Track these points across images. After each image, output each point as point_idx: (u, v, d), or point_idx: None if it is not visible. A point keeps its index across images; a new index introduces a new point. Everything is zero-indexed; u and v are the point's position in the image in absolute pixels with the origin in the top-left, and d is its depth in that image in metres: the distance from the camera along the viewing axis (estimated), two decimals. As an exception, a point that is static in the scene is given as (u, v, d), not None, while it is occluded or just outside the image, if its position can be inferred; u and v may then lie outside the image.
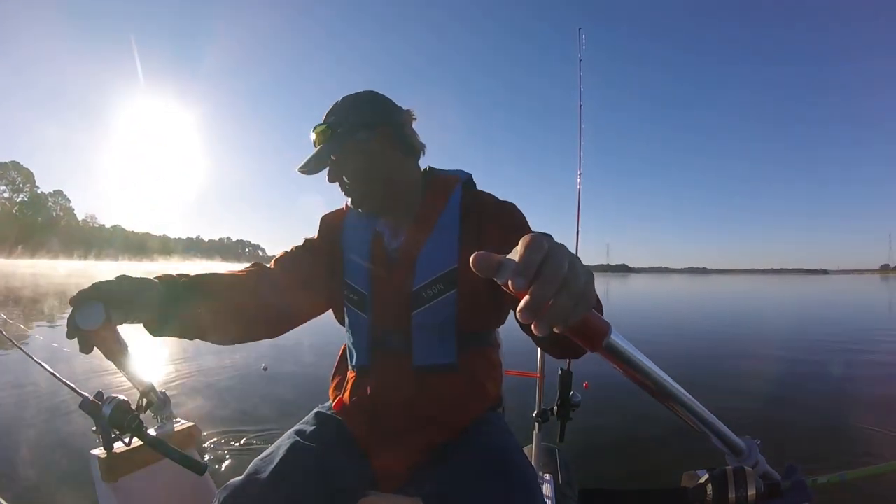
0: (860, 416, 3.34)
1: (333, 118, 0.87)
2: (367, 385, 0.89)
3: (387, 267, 0.88)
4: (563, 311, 0.38)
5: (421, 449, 0.86)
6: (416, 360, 0.86)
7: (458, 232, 0.86)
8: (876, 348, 6.50)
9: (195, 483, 1.03)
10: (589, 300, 0.41)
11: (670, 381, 0.57)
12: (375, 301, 0.89)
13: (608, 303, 0.92)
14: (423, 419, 0.86)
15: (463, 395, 0.88)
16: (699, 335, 7.95)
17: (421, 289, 0.84)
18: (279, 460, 0.78)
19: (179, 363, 4.78)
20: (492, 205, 0.89)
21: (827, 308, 14.99)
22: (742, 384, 4.27)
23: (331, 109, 0.88)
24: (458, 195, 0.90)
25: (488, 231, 0.85)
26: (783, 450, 2.68)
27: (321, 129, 0.86)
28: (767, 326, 9.87)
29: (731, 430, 0.68)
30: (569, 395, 1.66)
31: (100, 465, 0.90)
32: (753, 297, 21.44)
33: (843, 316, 11.99)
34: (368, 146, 0.86)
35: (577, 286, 0.39)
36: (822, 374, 4.79)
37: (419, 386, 0.86)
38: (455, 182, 0.92)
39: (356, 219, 0.96)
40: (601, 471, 2.48)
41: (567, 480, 1.44)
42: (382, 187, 0.88)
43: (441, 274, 0.84)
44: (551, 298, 0.37)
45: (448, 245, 0.85)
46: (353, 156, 0.86)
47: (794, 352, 6.10)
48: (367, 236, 0.92)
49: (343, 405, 0.92)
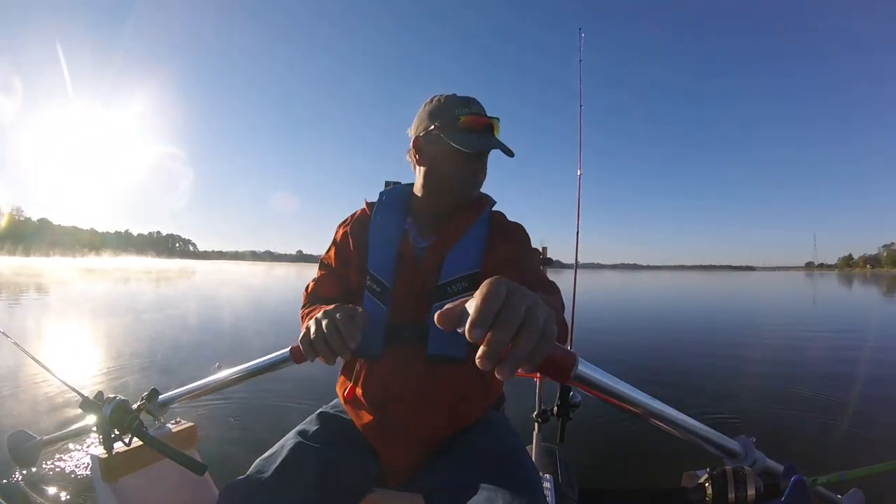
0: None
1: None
2: (379, 372, 0.91)
3: (413, 262, 0.94)
4: (524, 353, 0.41)
5: (426, 441, 0.89)
6: (430, 349, 0.89)
7: (483, 245, 0.95)
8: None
9: (195, 483, 1.03)
10: (549, 339, 0.43)
11: (647, 399, 0.59)
12: (396, 293, 0.93)
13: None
14: (432, 409, 0.88)
15: (470, 386, 0.91)
16: (644, 328, 8.30)
17: (447, 283, 0.91)
18: (282, 460, 0.79)
19: (180, 363, 4.78)
20: (512, 227, 1.01)
21: (768, 303, 16.35)
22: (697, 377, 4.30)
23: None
24: (488, 214, 1.01)
25: (503, 248, 0.94)
26: (777, 449, 2.68)
27: (493, 118, 0.95)
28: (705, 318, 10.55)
29: (722, 434, 0.68)
30: (569, 395, 1.66)
31: (100, 465, 0.90)
32: (689, 291, 23.75)
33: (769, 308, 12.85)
34: None
35: (536, 327, 0.42)
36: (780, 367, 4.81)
37: (431, 374, 0.89)
38: (487, 203, 1.02)
39: (384, 217, 1.00)
40: (601, 471, 2.48)
41: (567, 480, 1.44)
42: (479, 189, 1.00)
43: (466, 274, 0.91)
44: (509, 343, 0.40)
45: (474, 251, 0.94)
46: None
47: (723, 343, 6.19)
48: (396, 233, 0.97)
49: (354, 394, 0.93)
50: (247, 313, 9.71)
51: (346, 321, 0.76)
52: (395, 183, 1.18)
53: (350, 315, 0.77)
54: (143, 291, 16.57)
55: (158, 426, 1.02)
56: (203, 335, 6.70)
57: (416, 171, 1.01)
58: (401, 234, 0.97)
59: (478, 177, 0.97)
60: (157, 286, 20.20)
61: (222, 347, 5.72)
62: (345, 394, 0.96)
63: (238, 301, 12.94)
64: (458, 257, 0.92)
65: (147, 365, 4.66)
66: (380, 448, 0.90)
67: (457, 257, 0.92)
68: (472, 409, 0.92)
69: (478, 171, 0.96)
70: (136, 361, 4.77)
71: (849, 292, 24.72)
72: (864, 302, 17.06)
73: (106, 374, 4.31)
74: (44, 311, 9.69)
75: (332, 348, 0.75)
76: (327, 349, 0.75)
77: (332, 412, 0.96)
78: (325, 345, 0.75)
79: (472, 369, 0.86)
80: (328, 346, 0.75)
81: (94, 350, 5.46)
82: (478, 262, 0.93)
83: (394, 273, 0.94)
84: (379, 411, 0.89)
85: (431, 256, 0.93)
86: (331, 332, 0.75)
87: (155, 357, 4.99)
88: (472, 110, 0.93)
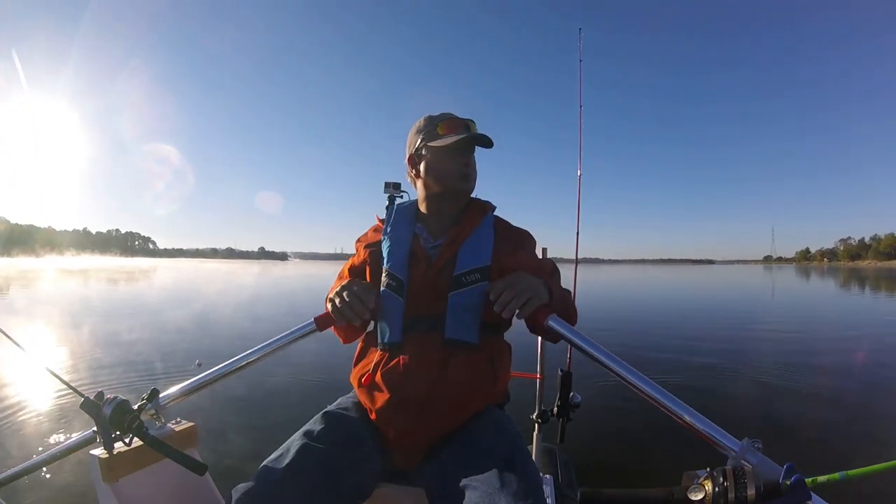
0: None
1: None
2: (398, 357, 0.98)
3: (427, 259, 1.04)
4: (519, 303, 0.89)
5: (436, 429, 0.93)
6: (448, 333, 0.98)
7: (491, 242, 1.06)
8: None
9: (195, 483, 1.03)
10: (538, 297, 0.92)
11: (618, 361, 0.86)
12: (412, 286, 1.02)
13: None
14: (445, 389, 0.93)
15: (482, 372, 0.98)
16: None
17: (461, 274, 1.01)
18: (289, 461, 0.80)
19: (179, 363, 4.78)
20: (516, 230, 1.14)
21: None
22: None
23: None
24: (491, 216, 1.13)
25: (517, 250, 1.07)
26: (778, 448, 2.68)
27: (473, 123, 1.09)
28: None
29: (722, 430, 0.69)
30: (569, 395, 1.67)
31: (100, 466, 0.90)
32: (662, 284, 25.11)
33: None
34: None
35: (529, 292, 0.91)
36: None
37: (447, 357, 0.96)
38: (489, 207, 1.15)
39: (395, 225, 1.11)
40: (601, 471, 2.49)
41: (567, 481, 1.44)
42: (473, 186, 1.12)
43: (478, 267, 1.02)
44: (513, 298, 0.89)
45: (484, 247, 1.05)
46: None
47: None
48: (408, 235, 1.08)
49: (372, 379, 0.98)
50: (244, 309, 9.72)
51: (363, 288, 0.98)
52: (395, 184, 1.24)
53: (365, 286, 0.99)
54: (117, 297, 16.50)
55: (159, 426, 1.02)
56: (180, 335, 6.70)
57: (416, 185, 1.14)
58: (411, 236, 1.07)
59: (468, 168, 1.08)
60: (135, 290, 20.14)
61: (203, 344, 5.72)
62: (362, 380, 1.01)
63: (236, 298, 12.93)
64: (470, 252, 1.03)
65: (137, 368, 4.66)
66: (392, 429, 0.94)
67: (468, 252, 1.03)
68: (480, 398, 0.97)
69: (466, 162, 1.07)
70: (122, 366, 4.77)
71: (822, 285, 25.56)
72: (841, 295, 17.26)
73: (108, 375, 4.31)
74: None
75: (354, 311, 0.94)
76: (350, 312, 0.94)
77: (337, 411, 0.98)
78: (349, 308, 0.94)
79: (484, 357, 1.01)
80: (351, 310, 0.94)
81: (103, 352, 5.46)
82: (488, 256, 1.04)
83: (408, 269, 1.03)
84: (397, 392, 0.94)
85: (444, 253, 1.04)
86: (351, 297, 0.95)
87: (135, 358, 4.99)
88: (446, 117, 1.08)
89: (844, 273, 49.60)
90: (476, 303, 0.99)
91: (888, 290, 19.41)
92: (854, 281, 28.67)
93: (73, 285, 20.16)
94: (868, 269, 79.16)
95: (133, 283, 22.86)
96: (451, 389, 0.93)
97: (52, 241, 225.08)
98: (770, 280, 32.44)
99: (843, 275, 40.04)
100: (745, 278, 35.47)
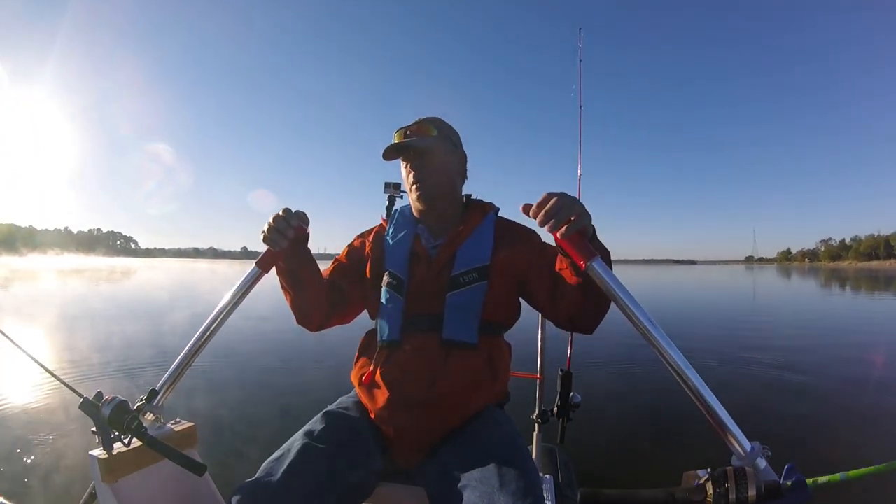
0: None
1: (429, 122, 1.09)
2: (397, 355, 0.99)
3: (427, 258, 1.05)
4: (565, 218, 0.74)
5: (436, 428, 0.93)
6: (445, 333, 0.97)
7: (491, 242, 1.05)
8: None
9: (195, 484, 1.03)
10: (582, 218, 0.76)
11: (651, 322, 0.77)
12: (412, 285, 1.03)
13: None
14: (445, 389, 0.93)
15: (480, 372, 0.98)
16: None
17: (459, 275, 1.01)
18: (291, 461, 0.81)
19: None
20: (520, 228, 1.12)
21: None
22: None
23: (426, 118, 1.11)
24: (493, 217, 1.12)
25: (517, 247, 1.06)
26: (782, 449, 2.68)
27: (423, 123, 1.09)
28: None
29: (739, 429, 0.69)
30: (569, 395, 1.67)
31: (99, 466, 0.90)
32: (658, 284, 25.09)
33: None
34: (450, 157, 1.11)
35: (574, 207, 0.75)
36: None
37: (445, 357, 0.96)
38: (490, 208, 1.15)
39: (399, 224, 1.13)
40: (601, 471, 2.48)
41: (567, 481, 1.44)
42: (445, 189, 1.10)
43: (476, 266, 1.01)
44: (559, 210, 0.74)
45: (483, 247, 1.04)
46: (440, 156, 1.08)
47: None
48: (409, 235, 1.09)
49: (372, 378, 0.99)
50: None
51: (287, 210, 0.93)
52: (395, 184, 1.25)
53: (289, 210, 0.94)
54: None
55: (158, 426, 1.02)
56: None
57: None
58: (413, 237, 1.09)
59: (415, 174, 1.08)
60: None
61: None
62: (362, 378, 1.01)
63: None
64: (468, 252, 1.03)
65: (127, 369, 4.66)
66: (392, 429, 0.93)
67: (467, 252, 1.03)
68: (480, 398, 0.97)
69: (409, 172, 1.09)
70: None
71: (814, 285, 25.55)
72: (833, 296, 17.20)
73: (108, 374, 4.31)
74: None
75: (279, 229, 0.91)
76: (276, 233, 0.91)
77: (337, 411, 0.98)
78: (275, 231, 0.91)
79: (483, 357, 1.00)
80: (277, 231, 0.91)
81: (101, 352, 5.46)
82: (487, 256, 1.03)
83: (408, 269, 1.05)
84: (397, 391, 0.94)
85: (443, 253, 1.04)
86: (276, 219, 0.92)
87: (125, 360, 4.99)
88: (398, 129, 1.11)
89: (826, 273, 49.77)
90: (475, 303, 0.99)
91: (876, 291, 19.44)
92: (835, 281, 28.85)
93: (66, 285, 20.11)
94: (848, 270, 79.69)
95: (132, 282, 22.83)
96: (449, 389, 0.93)
97: (33, 240, 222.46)
98: (752, 280, 32.66)
99: (825, 275, 40.13)
100: (729, 278, 35.68)
